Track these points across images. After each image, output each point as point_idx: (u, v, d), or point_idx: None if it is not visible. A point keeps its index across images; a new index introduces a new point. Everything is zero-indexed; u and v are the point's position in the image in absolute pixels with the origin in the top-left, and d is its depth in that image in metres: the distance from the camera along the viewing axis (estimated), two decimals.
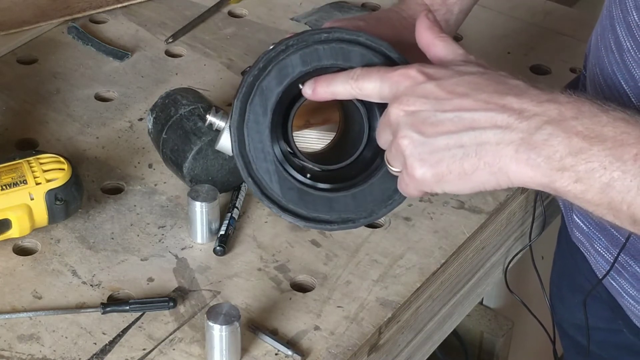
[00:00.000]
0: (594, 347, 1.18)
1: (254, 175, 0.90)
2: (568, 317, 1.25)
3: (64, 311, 1.00)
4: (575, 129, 0.76)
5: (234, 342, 0.94)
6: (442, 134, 0.80)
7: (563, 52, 1.40)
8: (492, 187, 0.81)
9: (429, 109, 0.80)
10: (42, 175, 1.05)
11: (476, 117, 0.79)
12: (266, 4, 1.48)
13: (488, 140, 0.79)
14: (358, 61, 0.89)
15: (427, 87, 0.81)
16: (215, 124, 0.97)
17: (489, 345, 1.80)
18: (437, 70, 0.83)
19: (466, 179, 0.80)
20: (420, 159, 0.81)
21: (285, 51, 0.88)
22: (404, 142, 0.81)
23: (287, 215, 0.91)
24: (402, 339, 1.07)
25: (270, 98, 0.89)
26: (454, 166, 0.80)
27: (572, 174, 0.76)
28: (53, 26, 1.41)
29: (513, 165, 0.78)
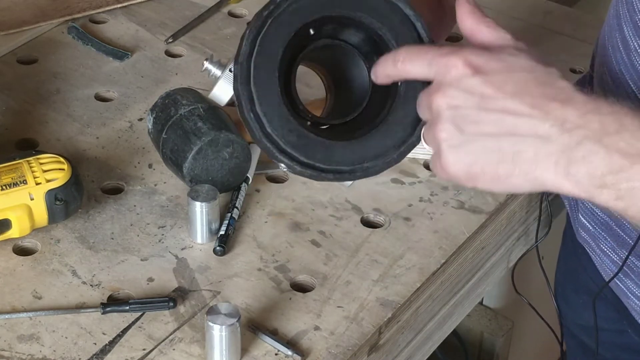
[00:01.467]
0: (599, 348, 1.18)
1: (255, 112, 0.87)
2: (573, 317, 1.25)
3: (64, 311, 1.00)
4: (616, 145, 0.76)
5: (234, 342, 0.94)
6: (481, 134, 0.79)
7: (563, 52, 1.40)
8: (526, 191, 0.81)
9: (472, 106, 0.79)
10: (42, 175, 1.05)
11: (518, 123, 0.78)
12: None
13: (527, 149, 0.78)
14: (368, 12, 0.87)
15: (473, 82, 0.79)
16: (212, 71, 0.95)
17: (489, 345, 1.80)
18: (487, 61, 0.80)
19: (499, 182, 0.80)
20: (456, 155, 0.80)
21: (281, 4, 0.86)
22: (442, 134, 0.80)
23: (283, 157, 0.88)
24: (402, 339, 1.07)
25: (283, 35, 0.86)
26: (488, 169, 0.79)
27: (613, 192, 0.76)
28: (53, 26, 1.41)
29: (551, 176, 0.78)
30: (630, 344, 1.13)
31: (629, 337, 1.12)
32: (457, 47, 0.82)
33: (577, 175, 0.76)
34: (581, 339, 1.23)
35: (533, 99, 0.78)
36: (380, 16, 0.88)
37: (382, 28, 0.89)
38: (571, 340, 1.28)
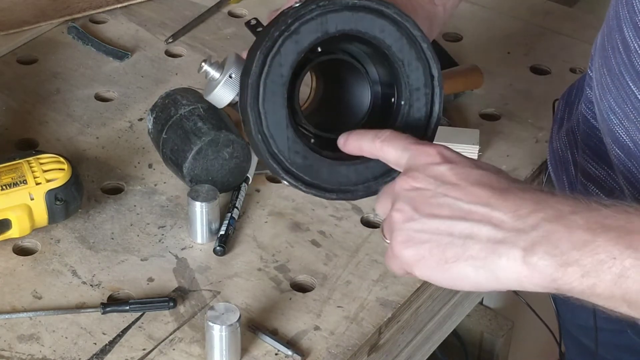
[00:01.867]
0: (598, 348, 1.18)
1: (262, 132, 0.87)
2: (571, 318, 1.24)
3: (64, 311, 1.00)
4: (575, 223, 0.74)
5: (234, 342, 0.94)
6: (435, 216, 0.79)
7: (563, 52, 1.40)
8: (471, 285, 0.78)
9: (432, 189, 0.80)
10: (42, 175, 1.05)
11: (473, 210, 0.77)
12: (266, 4, 1.48)
13: (478, 234, 0.77)
14: (377, 32, 0.88)
15: (439, 169, 0.81)
16: (210, 74, 0.95)
17: (489, 345, 1.80)
18: (457, 156, 0.82)
19: (445, 268, 0.78)
20: (407, 235, 0.79)
21: (313, 10, 0.86)
22: (397, 215, 0.80)
23: (289, 177, 0.89)
24: (402, 339, 1.07)
25: (293, 55, 0.87)
26: (435, 251, 0.78)
27: (578, 268, 0.73)
28: (53, 26, 1.41)
29: (504, 263, 0.75)
30: (629, 344, 1.13)
31: (628, 337, 1.12)
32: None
33: (534, 257, 0.74)
34: (579, 339, 1.23)
35: (492, 190, 0.78)
36: (389, 36, 0.89)
37: (390, 48, 0.89)
38: (569, 340, 1.28)
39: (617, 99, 0.93)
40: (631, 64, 0.91)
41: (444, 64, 1.31)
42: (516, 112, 1.29)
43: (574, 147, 1.10)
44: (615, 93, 0.94)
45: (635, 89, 0.91)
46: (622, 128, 0.94)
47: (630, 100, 0.91)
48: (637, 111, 0.91)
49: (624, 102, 0.92)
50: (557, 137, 1.14)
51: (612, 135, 0.96)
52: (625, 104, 0.92)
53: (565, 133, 1.13)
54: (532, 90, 1.33)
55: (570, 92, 1.17)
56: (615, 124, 0.94)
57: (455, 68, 1.31)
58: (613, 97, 0.94)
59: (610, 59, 0.94)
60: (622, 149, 0.95)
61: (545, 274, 0.74)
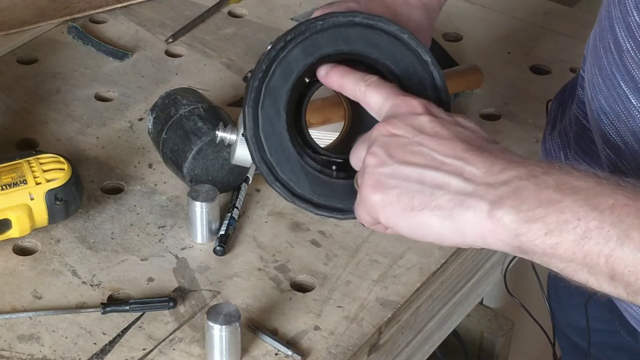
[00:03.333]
0: (591, 348, 1.18)
1: (280, 179, 0.88)
2: (565, 319, 1.25)
3: (64, 311, 1.00)
4: (545, 183, 0.73)
5: (234, 342, 0.94)
6: (408, 163, 0.78)
7: (563, 52, 1.40)
8: (434, 236, 0.77)
9: (409, 137, 0.79)
10: (42, 175, 1.05)
11: (447, 162, 0.77)
12: (266, 4, 1.48)
13: (448, 184, 0.76)
14: (359, 41, 0.88)
15: (420, 119, 0.80)
16: (227, 139, 0.95)
17: (489, 345, 1.80)
18: (439, 110, 0.82)
19: (410, 215, 0.77)
20: (377, 179, 0.79)
21: (284, 48, 0.87)
22: (370, 158, 0.80)
23: (322, 211, 0.89)
24: (402, 339, 1.07)
25: (280, 98, 0.87)
26: (404, 197, 0.77)
27: (542, 225, 0.72)
28: (53, 26, 1.41)
29: (469, 215, 0.75)
30: (622, 344, 1.13)
31: (622, 338, 1.12)
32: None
33: (500, 211, 0.74)
34: (574, 340, 1.24)
35: (468, 146, 0.78)
36: (395, 58, 0.88)
37: (396, 70, 0.89)
38: (564, 341, 1.28)
39: (609, 99, 0.93)
40: (623, 64, 0.91)
41: (444, 64, 1.32)
42: (516, 112, 1.29)
43: (567, 148, 1.10)
44: (606, 93, 0.94)
45: (626, 89, 0.91)
46: (613, 128, 0.94)
47: (622, 101, 0.91)
48: (628, 111, 0.91)
49: (615, 102, 0.92)
50: (550, 137, 1.14)
51: (603, 136, 0.96)
52: (616, 104, 0.92)
53: (558, 134, 1.13)
54: (532, 90, 1.33)
55: (564, 93, 1.17)
56: (606, 124, 0.94)
57: (455, 68, 1.31)
58: (604, 97, 0.94)
59: (602, 59, 0.94)
60: (612, 149, 0.95)
61: (509, 229, 0.74)
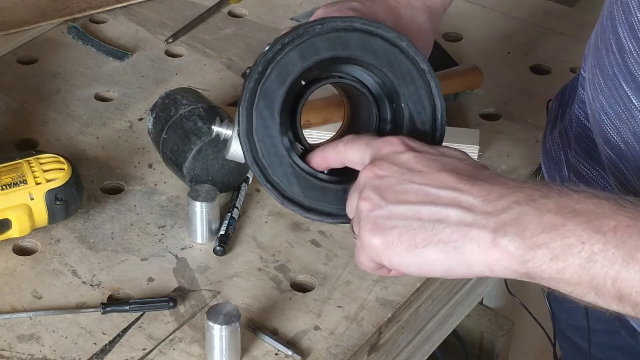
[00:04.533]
0: (591, 349, 1.18)
1: (272, 180, 0.88)
2: (566, 319, 1.25)
3: (64, 311, 1.00)
4: (546, 207, 0.73)
5: (234, 342, 0.94)
6: (402, 202, 0.78)
7: (563, 52, 1.40)
8: (442, 270, 0.77)
9: (397, 176, 0.79)
10: (42, 175, 1.05)
11: (441, 195, 0.77)
12: (266, 4, 1.48)
13: (447, 217, 0.76)
14: (358, 47, 0.87)
15: (403, 157, 0.80)
16: (223, 134, 0.95)
17: (489, 345, 1.80)
18: (421, 145, 0.81)
19: (415, 253, 0.77)
20: (374, 222, 0.78)
21: (282, 50, 0.87)
22: (363, 204, 0.79)
23: (312, 215, 0.89)
24: (402, 339, 1.07)
25: (275, 100, 0.87)
26: (405, 236, 0.77)
27: (547, 251, 0.72)
28: (53, 26, 1.41)
29: (474, 246, 0.75)
30: (622, 345, 1.13)
31: (622, 338, 1.12)
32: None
33: (504, 239, 0.73)
34: (574, 340, 1.23)
35: (459, 175, 0.78)
36: (392, 65, 0.88)
37: (392, 77, 0.89)
38: (564, 341, 1.28)
39: (610, 99, 0.93)
40: (625, 64, 0.91)
41: (444, 64, 1.32)
42: (516, 112, 1.29)
43: (567, 148, 1.10)
44: (607, 93, 0.94)
45: (628, 90, 0.91)
46: (614, 129, 0.94)
47: (623, 101, 0.91)
48: (629, 112, 0.91)
49: (616, 102, 0.92)
50: (551, 137, 1.14)
51: (603, 136, 0.96)
52: (617, 104, 0.92)
53: (558, 133, 1.13)
54: (532, 90, 1.33)
55: (564, 93, 1.17)
56: (607, 125, 0.94)
57: (455, 68, 1.31)
58: (605, 97, 0.94)
59: (604, 59, 0.94)
60: (613, 149, 0.95)
61: (515, 256, 0.73)
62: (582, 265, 0.72)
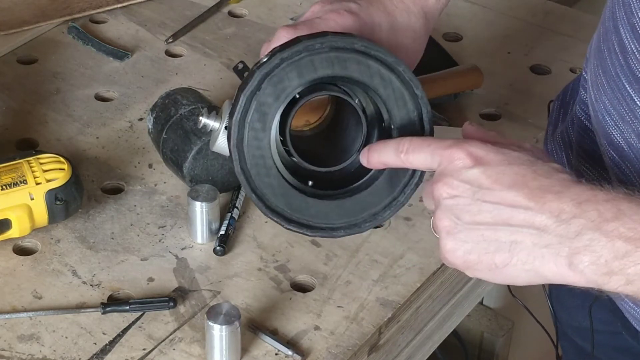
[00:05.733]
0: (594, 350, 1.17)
1: (257, 191, 0.89)
2: (567, 319, 1.24)
3: (64, 311, 1.00)
4: (617, 231, 0.76)
5: (234, 342, 0.94)
6: (478, 224, 0.80)
7: (563, 52, 1.40)
8: (524, 282, 0.80)
9: (470, 195, 0.80)
10: (42, 175, 1.05)
11: (514, 214, 0.79)
12: (266, 4, 1.48)
13: (523, 239, 0.78)
14: (355, 68, 0.87)
15: (472, 173, 0.81)
16: (210, 125, 0.95)
17: (489, 345, 1.80)
18: (487, 153, 0.82)
19: (496, 272, 0.80)
20: (454, 243, 0.81)
21: (279, 65, 0.86)
22: (442, 223, 0.82)
23: (293, 227, 0.90)
24: (402, 339, 1.07)
25: (269, 114, 0.87)
26: (484, 257, 0.80)
27: (621, 277, 0.75)
28: (53, 26, 1.41)
29: (552, 267, 0.78)
30: (624, 346, 1.13)
31: (624, 339, 1.12)
32: (460, 141, 0.84)
33: (580, 265, 0.76)
34: (576, 340, 1.23)
35: (530, 190, 0.79)
36: (386, 87, 0.88)
37: (385, 98, 0.89)
38: (566, 342, 1.28)
39: (613, 100, 0.93)
40: (627, 65, 0.91)
41: (444, 64, 1.32)
42: (516, 112, 1.29)
43: (569, 149, 1.10)
44: (610, 94, 0.94)
45: (631, 91, 0.91)
46: (617, 130, 0.94)
47: (626, 102, 0.91)
48: (632, 113, 0.91)
49: (619, 103, 0.92)
50: (552, 138, 1.14)
51: (606, 137, 0.96)
52: (620, 105, 0.92)
53: (559, 134, 1.13)
54: (532, 90, 1.33)
55: (565, 94, 1.17)
56: (610, 126, 0.94)
57: (455, 68, 1.31)
58: (608, 98, 0.94)
59: (606, 60, 0.94)
60: (616, 150, 0.95)
61: (591, 280, 0.77)
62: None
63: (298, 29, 0.93)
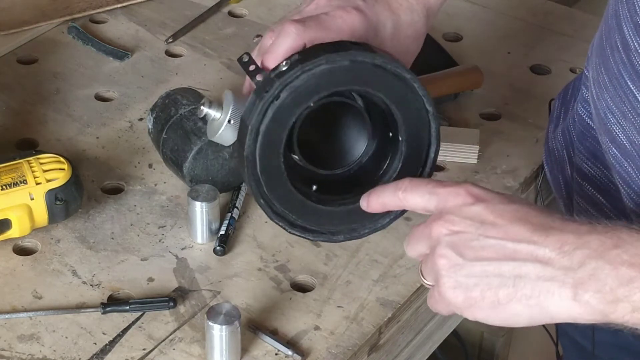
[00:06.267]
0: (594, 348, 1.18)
1: (264, 195, 0.90)
2: None
3: (64, 311, 1.00)
4: (620, 258, 0.75)
5: (234, 342, 0.94)
6: (481, 259, 0.79)
7: (563, 52, 1.40)
8: (526, 321, 0.79)
9: (472, 231, 0.80)
10: (42, 175, 1.05)
11: (518, 248, 0.78)
12: (266, 4, 1.48)
13: (528, 273, 0.77)
14: (373, 82, 0.88)
15: (474, 209, 0.81)
16: (212, 116, 0.96)
17: (489, 345, 1.80)
18: (487, 192, 0.82)
19: (499, 309, 0.79)
20: (455, 280, 0.80)
21: (299, 76, 0.86)
22: (441, 261, 0.80)
23: (296, 231, 0.92)
24: (402, 339, 1.07)
25: (285, 123, 0.87)
26: (488, 293, 0.79)
27: (627, 304, 0.75)
28: (53, 26, 1.41)
29: (556, 301, 0.77)
30: (625, 344, 1.13)
31: (624, 337, 1.12)
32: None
33: (585, 295, 0.76)
34: (576, 339, 1.23)
35: (532, 226, 0.79)
36: (399, 100, 0.89)
37: (396, 110, 0.90)
38: (566, 340, 1.28)
39: (615, 98, 0.93)
40: (630, 63, 0.91)
41: (444, 64, 1.32)
42: (516, 112, 1.29)
43: (570, 147, 1.10)
44: (613, 92, 0.94)
45: (634, 88, 0.91)
46: (619, 127, 0.94)
47: (629, 100, 0.91)
48: (635, 110, 0.91)
49: (621, 101, 0.92)
50: (553, 136, 1.14)
51: (609, 135, 0.96)
52: (623, 103, 0.92)
53: (561, 133, 1.13)
54: (532, 90, 1.33)
55: (566, 92, 1.17)
56: (612, 123, 0.94)
57: (455, 68, 1.31)
58: (611, 96, 0.94)
59: (609, 58, 0.94)
60: (618, 148, 0.95)
61: (597, 310, 0.76)
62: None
63: (307, 25, 0.93)
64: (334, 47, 0.88)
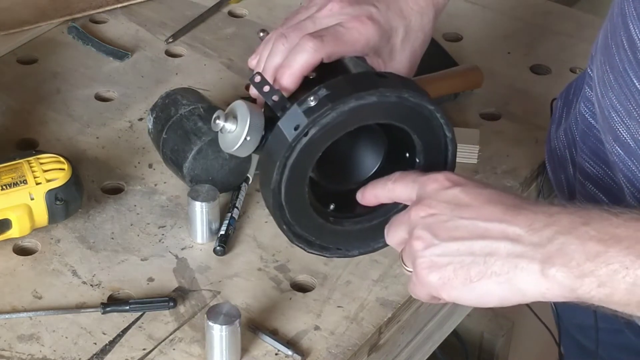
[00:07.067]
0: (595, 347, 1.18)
1: (287, 221, 0.92)
2: (569, 317, 1.24)
3: (64, 311, 1.00)
4: (587, 234, 0.77)
5: (234, 342, 0.94)
6: (454, 239, 0.81)
7: (563, 52, 1.40)
8: (497, 299, 0.80)
9: (447, 213, 0.82)
10: (42, 175, 1.05)
11: (490, 227, 0.80)
12: (266, 4, 1.48)
13: (498, 250, 0.79)
14: (398, 115, 0.89)
15: (451, 193, 0.83)
16: (227, 128, 0.95)
17: (489, 345, 1.80)
18: (465, 178, 0.85)
19: (470, 287, 0.80)
20: (430, 260, 0.82)
21: (328, 113, 0.87)
22: (417, 242, 0.83)
23: (314, 250, 0.95)
24: (402, 339, 1.07)
25: (313, 157, 0.89)
26: (460, 272, 0.81)
27: (594, 279, 0.76)
28: (53, 26, 1.41)
29: (525, 276, 0.78)
30: (627, 344, 1.13)
31: (626, 337, 1.12)
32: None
33: (552, 269, 0.77)
34: (577, 338, 1.23)
35: (505, 206, 0.81)
36: (421, 130, 0.91)
37: (417, 138, 0.92)
38: (568, 340, 1.28)
39: (620, 96, 0.93)
40: (636, 60, 0.91)
41: (444, 64, 1.32)
42: (516, 112, 1.29)
43: (572, 146, 1.10)
44: (618, 90, 0.94)
45: (639, 86, 0.91)
46: (624, 126, 0.94)
47: (634, 98, 0.91)
48: None
49: (626, 99, 0.92)
50: (555, 136, 1.14)
51: (613, 133, 0.96)
52: (628, 101, 0.92)
53: (563, 132, 1.13)
54: (532, 90, 1.33)
55: (568, 91, 1.17)
56: (616, 122, 0.94)
57: (455, 68, 1.31)
58: (615, 94, 0.94)
59: (614, 56, 0.94)
60: (622, 147, 0.95)
61: (564, 285, 0.77)
62: (629, 289, 0.75)
63: (325, 41, 0.93)
64: (361, 81, 0.89)
